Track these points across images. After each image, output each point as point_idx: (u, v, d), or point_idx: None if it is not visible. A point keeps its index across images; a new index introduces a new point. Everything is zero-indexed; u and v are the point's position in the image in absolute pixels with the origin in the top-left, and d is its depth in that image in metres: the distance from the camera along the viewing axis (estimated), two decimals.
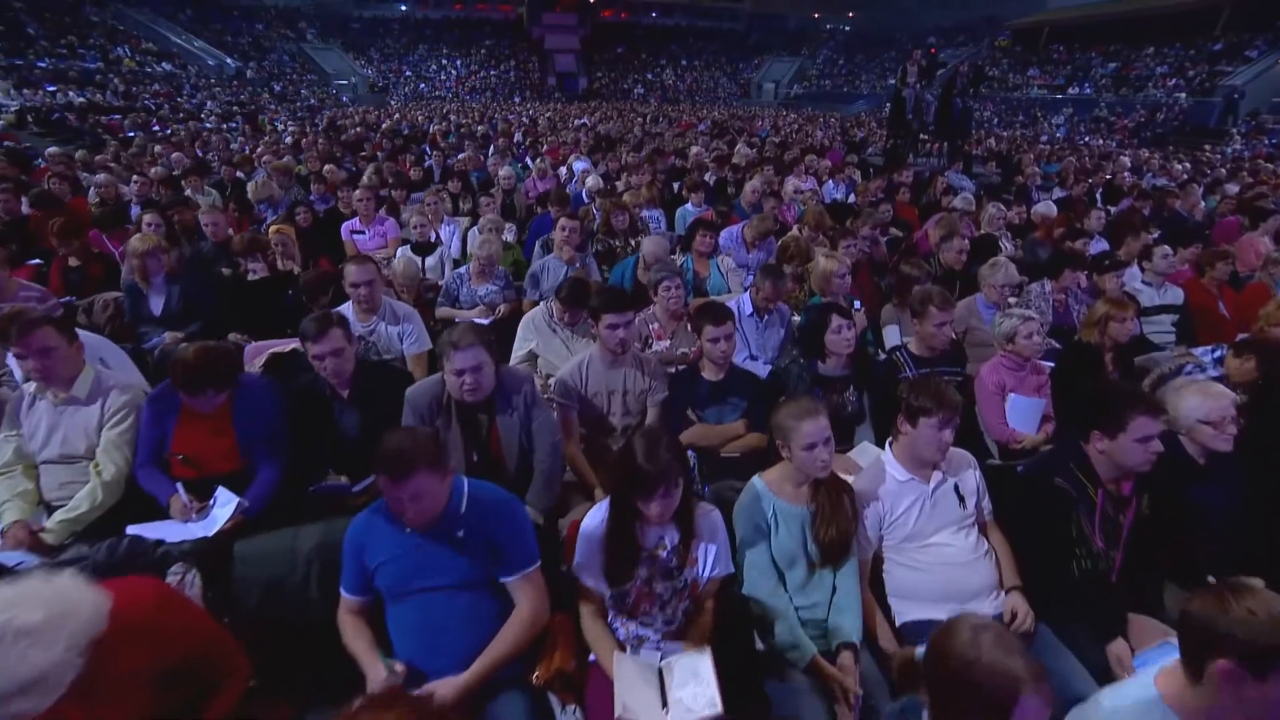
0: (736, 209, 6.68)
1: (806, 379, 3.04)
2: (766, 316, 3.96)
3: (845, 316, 3.01)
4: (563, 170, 9.99)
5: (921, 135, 12.27)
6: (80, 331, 3.37)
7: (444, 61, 46.58)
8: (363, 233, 6.01)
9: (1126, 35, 32.70)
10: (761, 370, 3.73)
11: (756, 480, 2.28)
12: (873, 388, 3.20)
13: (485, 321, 4.43)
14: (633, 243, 5.53)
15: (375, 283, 3.57)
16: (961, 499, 2.34)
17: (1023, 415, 3.27)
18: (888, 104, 12.77)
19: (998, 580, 2.31)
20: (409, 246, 5.44)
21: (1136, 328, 3.66)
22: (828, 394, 3.06)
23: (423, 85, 43.43)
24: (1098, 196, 9.83)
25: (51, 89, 22.28)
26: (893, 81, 12.59)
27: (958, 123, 11.60)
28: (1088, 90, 32.02)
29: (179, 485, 2.53)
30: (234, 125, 20.04)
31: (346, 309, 3.64)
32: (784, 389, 3.09)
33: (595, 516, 2.06)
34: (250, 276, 4.60)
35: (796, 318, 4.28)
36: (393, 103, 36.15)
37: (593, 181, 7.76)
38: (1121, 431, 2.21)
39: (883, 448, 2.54)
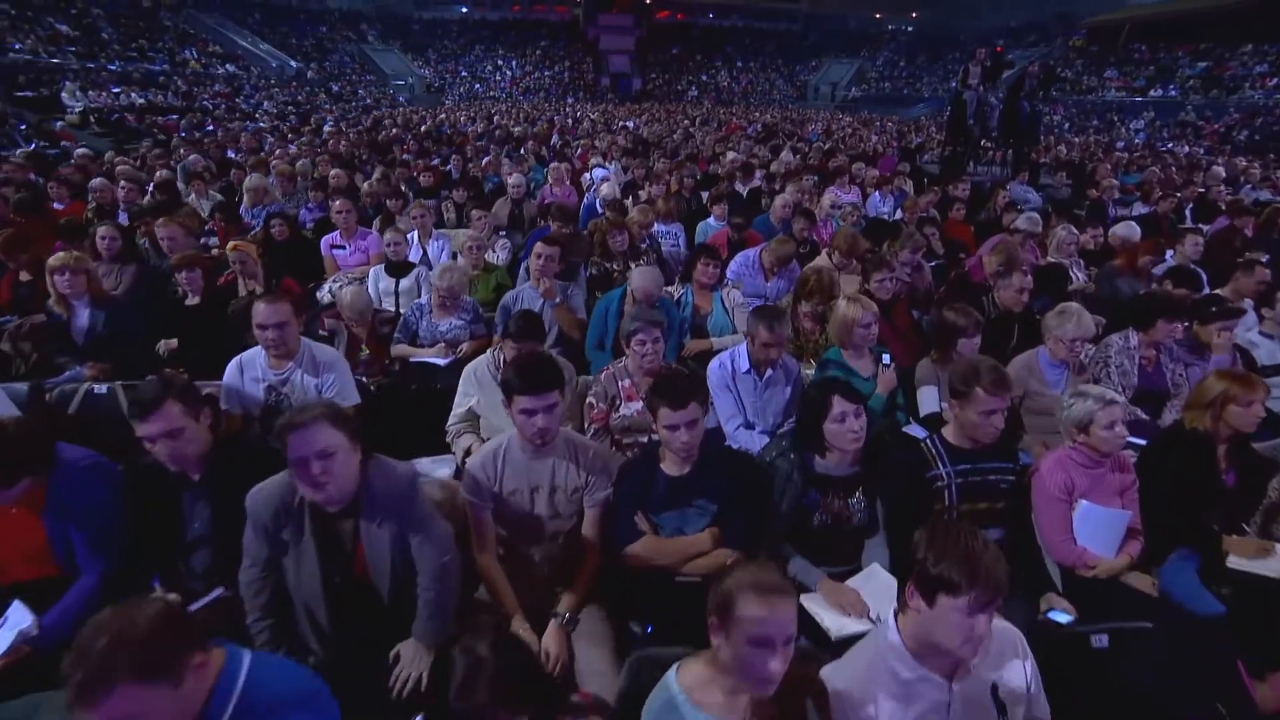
0: (757, 226, 5.87)
1: (798, 481, 2.27)
2: (768, 372, 3.18)
3: (853, 400, 2.21)
4: (586, 176, 9.35)
5: (984, 142, 11.11)
6: None
7: (499, 62, 46.93)
8: (343, 247, 5.48)
9: (1220, 32, 30.05)
10: (757, 443, 2.98)
11: (671, 678, 1.53)
12: (889, 485, 2.39)
13: (443, 362, 3.81)
14: (632, 267, 4.80)
15: (288, 325, 2.96)
16: (1002, 709, 1.56)
17: (1097, 530, 2.43)
18: (949, 107, 11.61)
19: None
20: (384, 266, 4.86)
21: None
22: (827, 499, 2.29)
23: (478, 86, 43.81)
24: (1187, 213, 8.61)
25: (116, 90, 22.93)
26: (955, 84, 11.41)
27: (1024, 128, 10.43)
28: (1172, 92, 29.61)
29: None
30: (280, 125, 20.18)
31: (258, 352, 3.09)
32: (769, 486, 2.34)
33: None
34: (188, 300, 4.09)
35: (810, 371, 3.51)
36: (446, 102, 36.37)
37: (608, 190, 7.04)
38: None
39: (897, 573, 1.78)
